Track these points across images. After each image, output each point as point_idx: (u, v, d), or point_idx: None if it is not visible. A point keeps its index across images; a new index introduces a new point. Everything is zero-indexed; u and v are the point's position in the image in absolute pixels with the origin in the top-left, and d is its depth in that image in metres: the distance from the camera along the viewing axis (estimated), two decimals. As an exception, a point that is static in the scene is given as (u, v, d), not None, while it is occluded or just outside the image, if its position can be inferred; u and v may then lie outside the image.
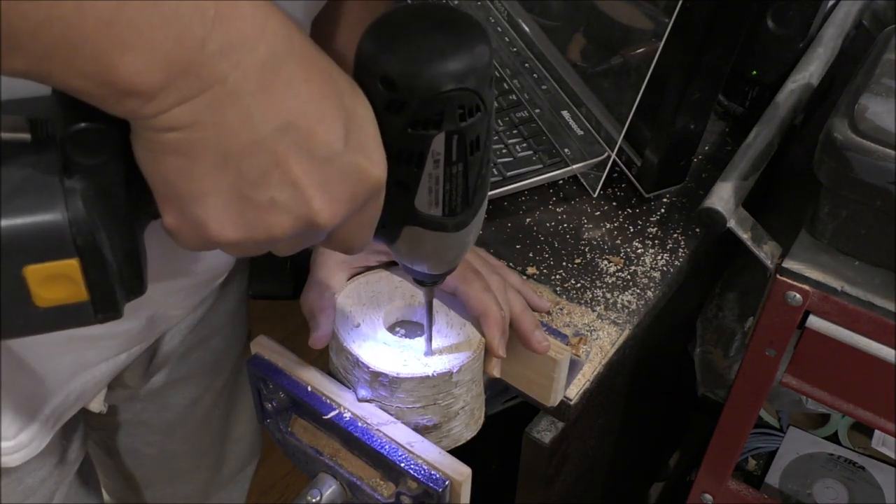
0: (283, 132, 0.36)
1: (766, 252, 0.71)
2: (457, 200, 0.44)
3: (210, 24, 0.33)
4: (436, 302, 0.61)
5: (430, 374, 0.56)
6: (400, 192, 0.43)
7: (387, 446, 0.57)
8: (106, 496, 1.04)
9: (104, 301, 0.41)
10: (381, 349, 0.58)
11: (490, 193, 0.83)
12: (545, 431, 0.71)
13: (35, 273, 0.38)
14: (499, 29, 1.01)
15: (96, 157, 0.38)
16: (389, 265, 0.65)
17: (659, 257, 0.79)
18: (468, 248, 0.50)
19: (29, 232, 0.37)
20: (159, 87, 0.34)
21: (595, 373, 0.70)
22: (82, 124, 0.37)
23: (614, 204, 0.85)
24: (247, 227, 0.38)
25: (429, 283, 0.53)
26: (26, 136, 0.37)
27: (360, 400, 0.59)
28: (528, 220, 0.83)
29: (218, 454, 1.01)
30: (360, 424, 0.58)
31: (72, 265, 0.39)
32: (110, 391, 0.76)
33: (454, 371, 0.57)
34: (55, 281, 0.39)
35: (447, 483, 0.55)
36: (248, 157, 0.36)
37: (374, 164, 0.39)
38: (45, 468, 0.72)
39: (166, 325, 0.75)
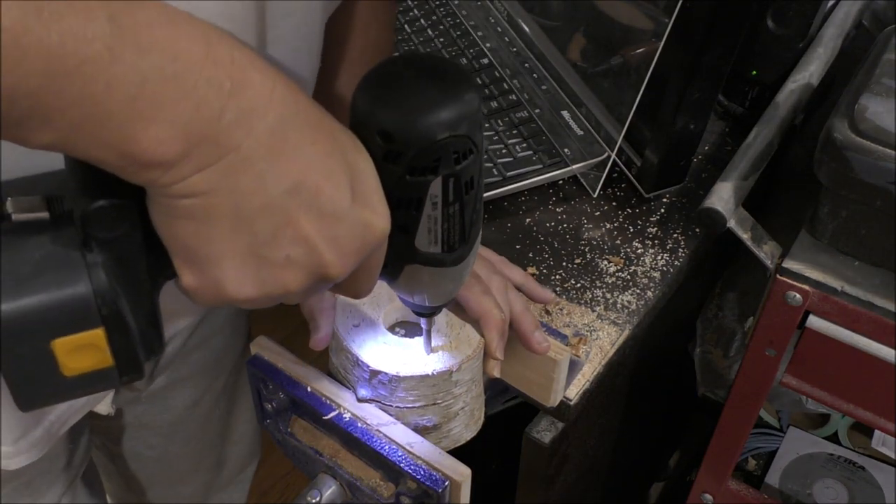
0: (293, 193, 0.37)
1: (766, 252, 0.71)
2: (455, 237, 0.46)
3: (226, 96, 0.35)
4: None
5: (430, 373, 0.56)
6: (401, 234, 0.45)
7: (386, 447, 0.57)
8: (108, 498, 1.04)
9: (128, 364, 0.42)
10: (380, 349, 0.58)
11: (490, 193, 0.83)
12: (545, 431, 0.71)
13: (62, 345, 0.39)
14: (499, 29, 1.01)
15: (116, 231, 0.39)
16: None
17: (659, 257, 0.79)
18: (465, 280, 0.51)
19: (55, 307, 0.38)
20: (179, 157, 0.35)
21: (595, 373, 0.70)
22: (101, 202, 0.38)
23: (614, 204, 0.85)
24: (263, 284, 0.40)
25: (428, 314, 0.55)
26: (44, 214, 0.39)
27: (359, 400, 0.59)
28: (528, 220, 0.83)
29: (218, 455, 1.01)
30: (359, 425, 0.58)
31: (97, 335, 0.40)
32: (116, 393, 0.76)
33: (454, 370, 0.57)
34: (82, 351, 0.40)
35: (447, 483, 0.55)
36: (261, 219, 0.38)
37: (379, 216, 0.41)
38: (53, 472, 0.72)
39: (175, 328, 0.75)
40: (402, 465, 0.56)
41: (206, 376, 0.90)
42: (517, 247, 0.80)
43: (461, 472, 0.55)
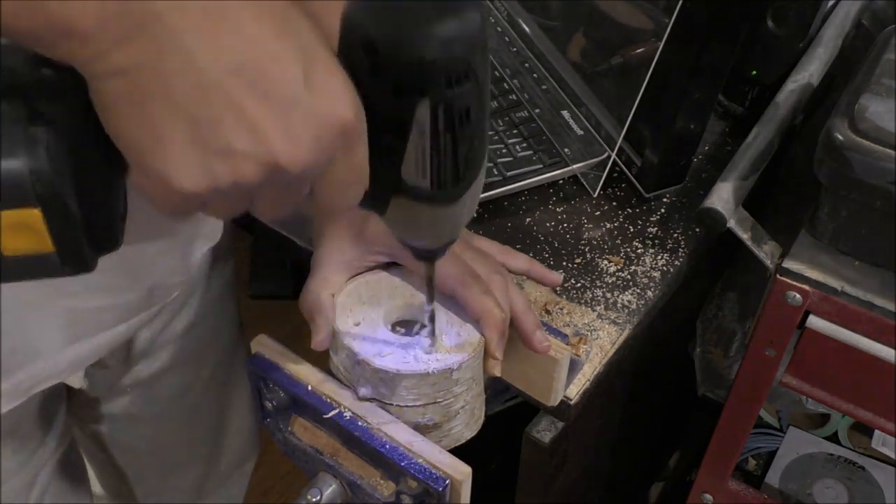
0: (233, 74, 0.35)
1: (766, 252, 0.71)
2: (446, 174, 0.43)
3: None
4: (436, 302, 0.62)
5: (431, 371, 0.56)
6: (386, 159, 0.42)
7: (387, 445, 0.57)
8: (102, 492, 1.04)
9: (71, 253, 0.40)
10: (381, 347, 0.58)
11: (490, 193, 0.83)
12: (545, 431, 0.71)
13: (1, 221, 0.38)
14: (499, 29, 1.01)
15: (59, 106, 0.37)
16: (389, 266, 0.65)
17: (659, 257, 0.79)
18: (464, 223, 0.48)
19: None
20: (95, 27, 0.33)
21: (595, 372, 0.70)
22: (44, 70, 0.37)
23: (614, 204, 0.85)
24: (210, 175, 0.37)
25: (428, 258, 0.52)
26: None
27: (360, 398, 0.59)
28: (528, 219, 0.83)
29: (213, 447, 1.01)
30: (360, 423, 0.58)
31: (34, 214, 0.38)
32: (89, 367, 0.76)
33: (454, 368, 0.57)
34: (20, 230, 0.39)
35: (448, 482, 0.55)
36: (198, 102, 0.35)
37: (341, 106, 0.38)
38: (24, 453, 0.72)
39: (164, 297, 0.75)
40: (402, 463, 0.56)
41: (192, 365, 0.90)
42: (517, 246, 0.80)
43: (462, 471, 0.55)
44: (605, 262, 0.79)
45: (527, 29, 0.97)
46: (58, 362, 0.67)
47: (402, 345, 0.58)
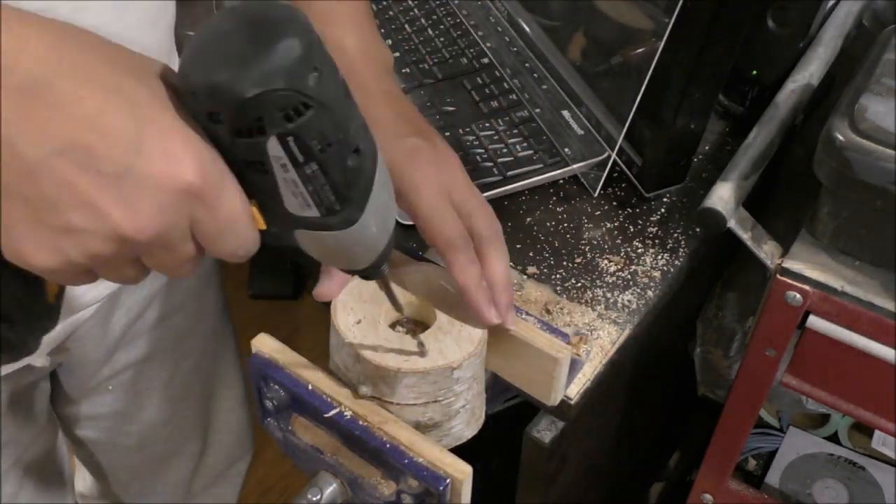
0: (58, 154, 0.35)
1: (766, 252, 0.71)
2: (329, 199, 0.43)
3: None
4: (438, 301, 0.62)
5: (431, 370, 0.56)
6: (267, 198, 0.42)
7: (387, 444, 0.57)
8: (88, 493, 1.04)
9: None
10: (382, 345, 0.58)
11: (490, 193, 0.83)
12: (545, 431, 0.71)
13: None
14: (499, 29, 1.01)
15: None
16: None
17: (659, 257, 0.80)
18: (383, 237, 0.48)
19: None
20: None
21: (595, 372, 0.70)
22: None
23: (614, 203, 0.85)
24: (60, 252, 0.37)
25: (369, 277, 0.52)
26: None
27: (360, 397, 0.59)
28: (528, 219, 0.83)
29: (201, 442, 1.01)
30: (360, 423, 0.58)
31: None
32: (65, 358, 0.76)
33: (455, 367, 0.57)
34: None
35: (448, 481, 0.55)
36: (28, 185, 0.35)
37: (180, 168, 0.37)
38: None
39: (98, 291, 0.74)
40: (403, 462, 0.56)
41: (171, 357, 0.90)
42: (518, 246, 0.80)
43: (462, 471, 0.55)
44: (606, 261, 0.79)
45: (527, 29, 0.97)
46: None
47: (403, 343, 0.58)
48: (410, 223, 0.81)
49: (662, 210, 0.84)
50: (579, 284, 0.77)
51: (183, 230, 0.39)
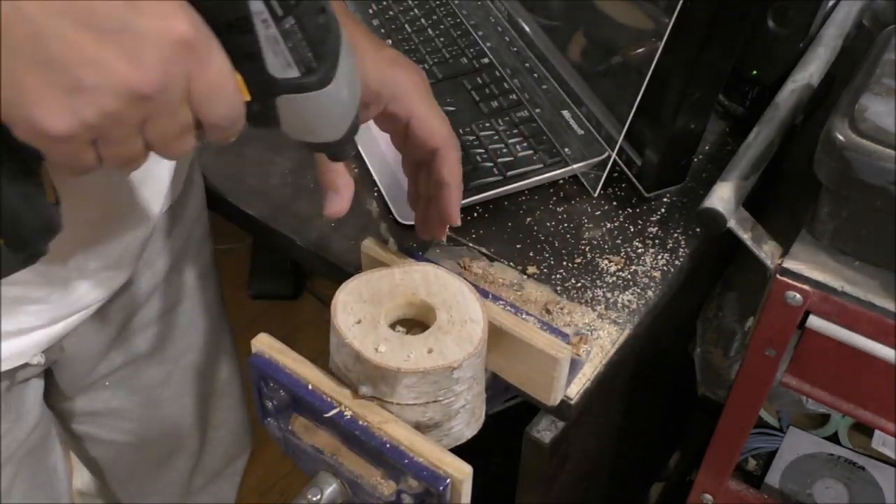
0: (62, 16, 0.37)
1: (766, 252, 0.71)
2: (307, 55, 0.46)
3: None
4: (437, 301, 0.62)
5: (431, 369, 0.56)
6: (250, 63, 0.45)
7: (388, 444, 0.57)
8: (86, 491, 1.04)
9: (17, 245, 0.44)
10: (382, 345, 0.58)
11: (490, 193, 0.83)
12: (545, 431, 0.71)
13: None
14: (499, 28, 1.01)
15: None
16: (390, 266, 0.65)
17: (659, 257, 0.80)
18: (352, 105, 0.51)
19: None
20: None
21: (595, 372, 0.70)
22: None
23: (614, 203, 0.85)
24: (74, 114, 0.39)
25: (338, 155, 0.55)
26: None
27: (360, 397, 0.59)
28: (528, 219, 0.83)
29: (198, 441, 1.01)
30: (360, 423, 0.58)
31: None
32: (60, 355, 0.77)
33: (455, 366, 0.57)
34: None
35: (448, 481, 0.55)
36: (38, 48, 0.37)
37: (175, 22, 0.40)
38: None
39: (98, 293, 0.75)
40: (403, 463, 0.56)
41: (169, 354, 0.90)
42: (517, 246, 0.80)
43: (462, 471, 0.55)
44: (606, 261, 0.79)
45: (527, 29, 0.97)
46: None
47: (403, 343, 0.58)
48: (410, 223, 0.81)
49: (662, 210, 0.84)
50: (579, 284, 0.77)
51: (182, 87, 0.41)
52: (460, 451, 0.59)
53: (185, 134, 0.43)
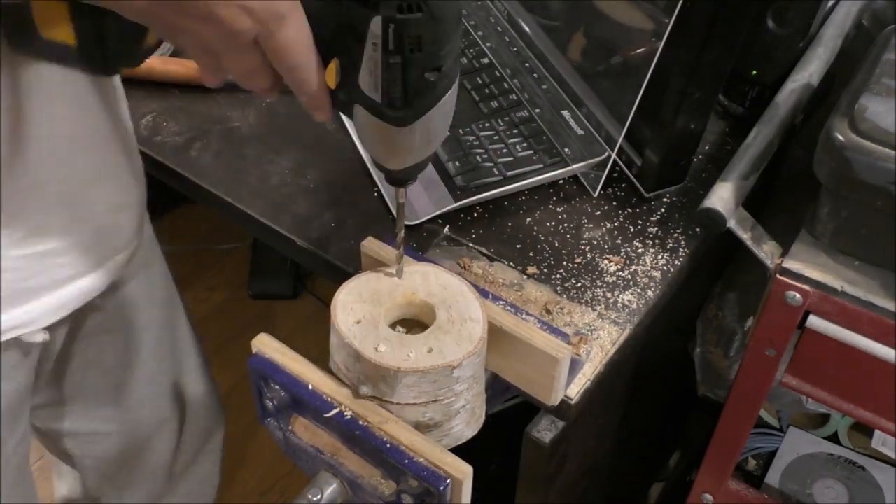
0: None
1: (766, 252, 0.71)
2: (396, 92, 0.49)
3: None
4: (437, 300, 0.62)
5: (431, 369, 0.56)
6: (348, 62, 0.50)
7: (388, 444, 0.57)
8: (77, 493, 1.05)
9: (90, 52, 0.52)
10: (382, 345, 0.58)
11: (490, 193, 0.83)
12: (545, 431, 0.71)
13: (38, 8, 0.50)
14: (499, 28, 1.01)
15: None
16: (391, 266, 0.65)
17: (659, 257, 0.80)
18: (421, 154, 0.55)
19: None
20: None
21: (595, 372, 0.70)
22: None
23: (614, 203, 0.85)
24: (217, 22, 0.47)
25: (394, 182, 0.59)
26: None
27: (361, 397, 0.59)
28: (528, 219, 0.83)
29: (177, 419, 1.03)
30: (360, 423, 0.58)
31: (62, 7, 0.49)
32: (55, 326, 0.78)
33: (455, 366, 0.57)
34: (54, 22, 0.50)
35: (448, 481, 0.55)
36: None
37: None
38: None
39: (118, 241, 0.78)
40: (403, 463, 0.56)
41: (131, 330, 0.91)
42: (517, 246, 0.80)
43: (462, 471, 0.55)
44: (606, 261, 0.79)
45: (527, 29, 0.97)
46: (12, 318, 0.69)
47: (403, 343, 0.58)
48: (414, 222, 0.81)
49: (662, 210, 0.84)
50: (579, 284, 0.77)
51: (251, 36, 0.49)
52: (460, 451, 0.59)
53: (254, 74, 0.51)
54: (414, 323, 0.63)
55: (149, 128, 0.95)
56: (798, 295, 0.68)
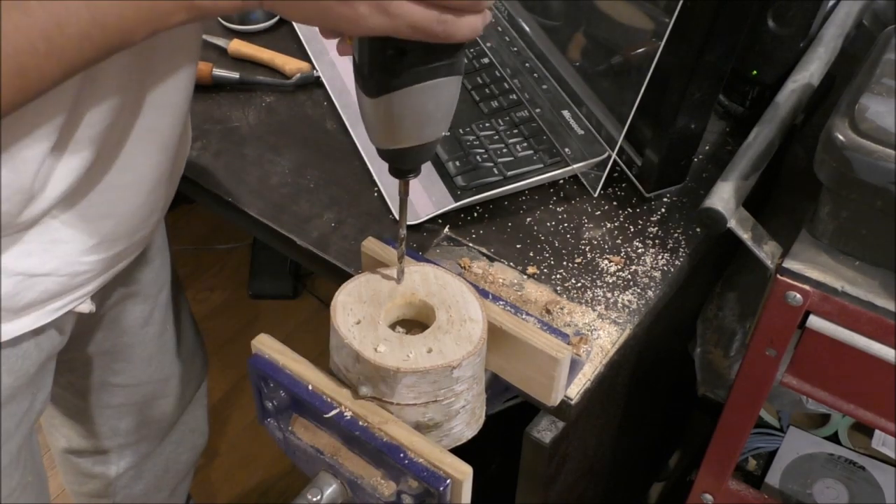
0: None
1: (766, 252, 0.71)
2: (363, 59, 0.52)
3: None
4: (437, 300, 0.62)
5: (431, 369, 0.56)
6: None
7: (388, 445, 0.57)
8: (80, 447, 1.06)
9: None
10: (382, 345, 0.58)
11: (490, 193, 0.83)
12: (545, 431, 0.71)
13: None
14: (499, 28, 1.01)
15: None
16: (390, 267, 0.65)
17: (659, 257, 0.80)
18: (406, 136, 0.56)
19: None
20: None
21: (596, 372, 0.70)
22: None
23: (615, 203, 0.85)
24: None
25: (396, 173, 0.59)
26: None
27: (361, 397, 0.59)
28: (528, 219, 0.83)
29: (180, 375, 1.05)
30: (360, 423, 0.58)
31: None
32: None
33: (454, 366, 0.57)
34: None
35: (448, 482, 0.55)
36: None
37: None
38: (19, 414, 0.75)
39: (155, 216, 0.77)
40: (403, 463, 0.56)
41: (151, 290, 0.92)
42: (518, 246, 0.80)
43: (462, 471, 0.55)
44: (606, 261, 0.79)
45: (527, 29, 0.97)
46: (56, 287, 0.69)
47: (403, 343, 0.58)
48: (414, 222, 0.81)
49: (662, 210, 0.84)
50: (579, 284, 0.77)
51: None
52: (460, 451, 0.59)
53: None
54: (414, 323, 0.63)
55: (149, 128, 0.96)
56: (798, 295, 0.68)
